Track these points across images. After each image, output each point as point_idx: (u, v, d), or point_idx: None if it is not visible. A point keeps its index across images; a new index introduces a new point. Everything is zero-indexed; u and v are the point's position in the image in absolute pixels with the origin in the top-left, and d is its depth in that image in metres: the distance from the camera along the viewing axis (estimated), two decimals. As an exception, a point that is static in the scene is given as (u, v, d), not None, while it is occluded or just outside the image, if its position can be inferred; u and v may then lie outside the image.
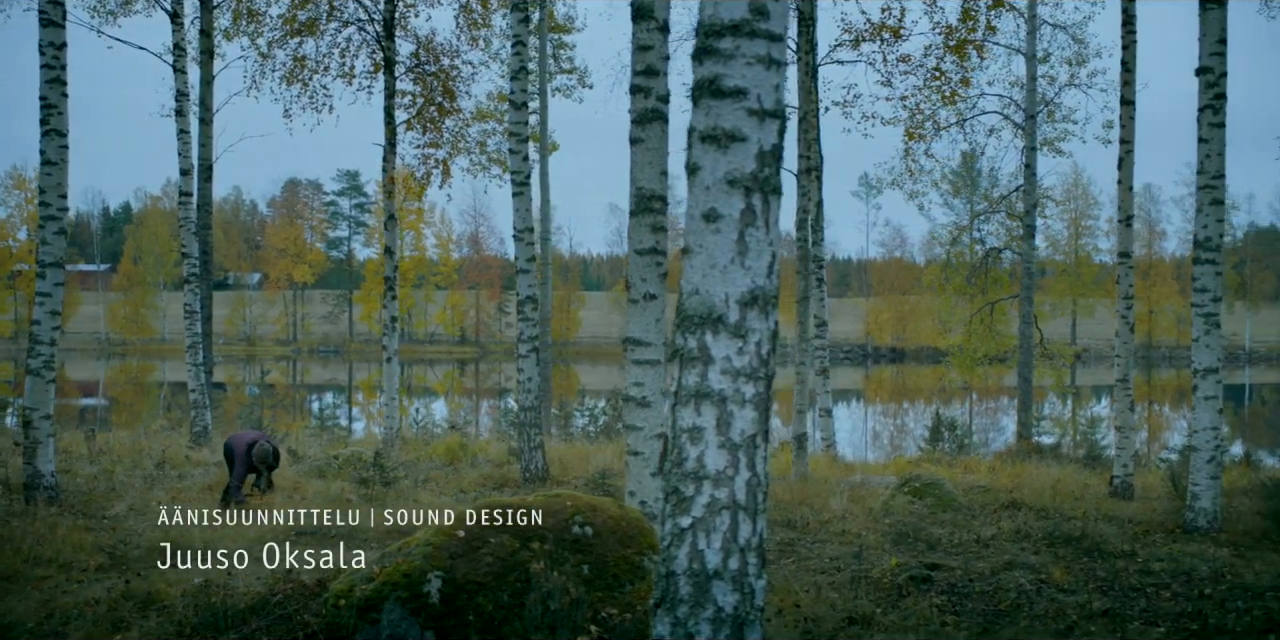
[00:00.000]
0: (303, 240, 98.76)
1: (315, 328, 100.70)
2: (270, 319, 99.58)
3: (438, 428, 26.17)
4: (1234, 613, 8.13)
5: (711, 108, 4.46)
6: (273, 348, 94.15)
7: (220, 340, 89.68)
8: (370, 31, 21.85)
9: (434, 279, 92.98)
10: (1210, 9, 12.08)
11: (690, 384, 4.45)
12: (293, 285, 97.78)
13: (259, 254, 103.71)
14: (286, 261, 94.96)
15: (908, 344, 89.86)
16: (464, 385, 64.12)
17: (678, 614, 4.41)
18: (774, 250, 4.50)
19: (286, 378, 69.44)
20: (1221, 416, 12.40)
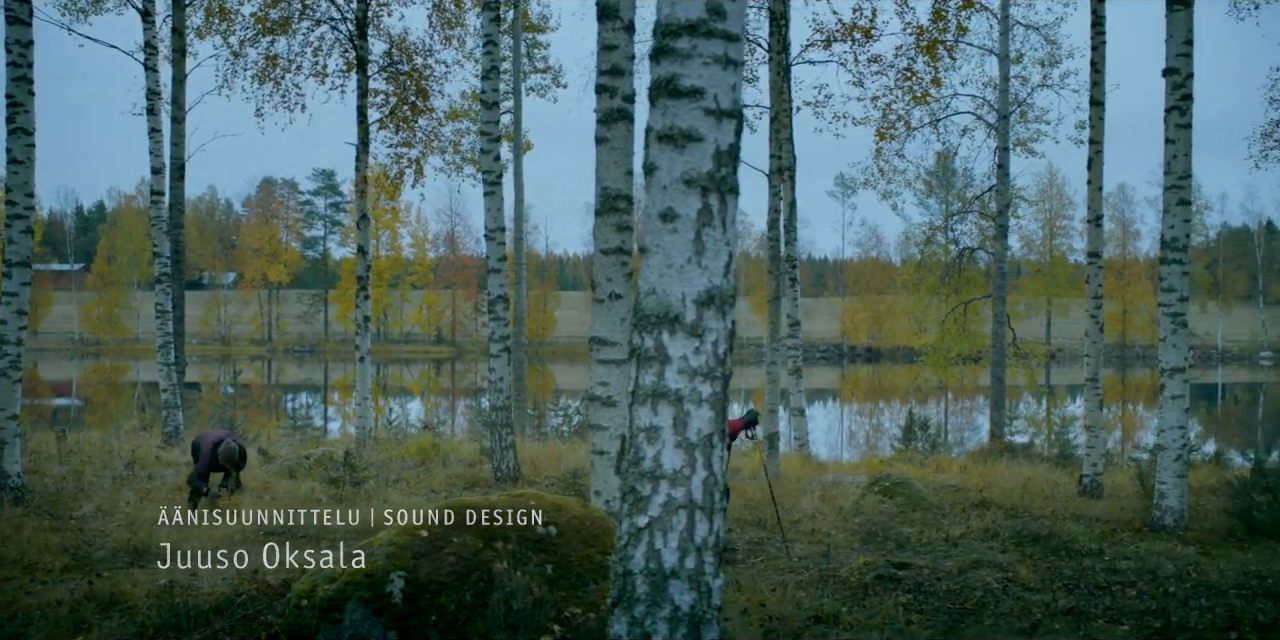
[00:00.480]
0: (278, 240, 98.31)
1: (291, 327, 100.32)
2: (245, 319, 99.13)
3: (411, 427, 26.07)
4: (1197, 610, 8.18)
5: (668, 107, 4.46)
6: (248, 347, 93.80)
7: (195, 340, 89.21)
8: (343, 30, 21.80)
9: (410, 278, 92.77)
10: (1177, 10, 12.14)
11: (647, 383, 4.45)
12: (268, 285, 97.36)
13: (234, 253, 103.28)
14: (262, 261, 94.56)
15: (883, 343, 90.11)
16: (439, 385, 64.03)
17: (635, 613, 4.41)
18: (731, 250, 4.51)
19: (261, 378, 69.18)
20: (1188, 415, 12.48)
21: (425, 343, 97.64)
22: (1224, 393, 65.39)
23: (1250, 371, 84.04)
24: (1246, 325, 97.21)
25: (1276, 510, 11.84)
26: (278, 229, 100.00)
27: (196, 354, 79.99)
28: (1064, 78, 27.66)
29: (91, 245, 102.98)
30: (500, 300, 15.60)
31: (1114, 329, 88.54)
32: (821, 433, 35.89)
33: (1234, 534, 11.77)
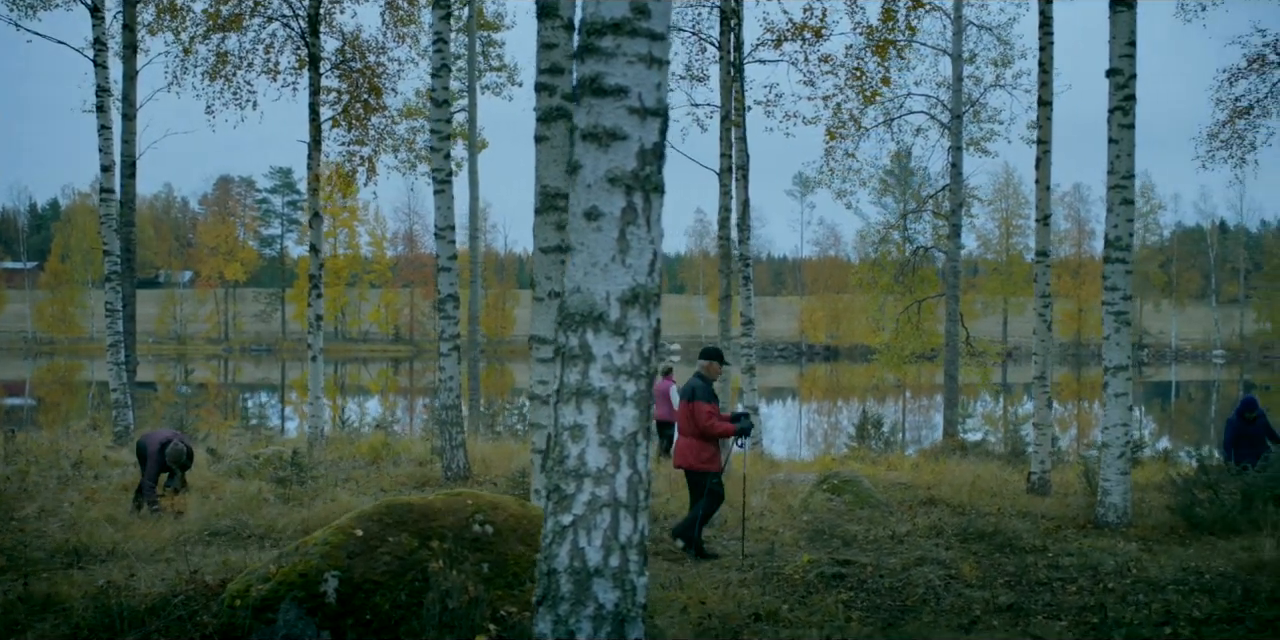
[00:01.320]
0: (235, 238, 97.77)
1: (248, 326, 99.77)
2: (202, 317, 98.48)
3: (366, 427, 25.96)
4: (1134, 606, 8.26)
5: (593, 106, 4.46)
6: (204, 346, 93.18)
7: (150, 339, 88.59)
8: (295, 27, 21.64)
9: (368, 277, 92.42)
10: (1120, 12, 12.25)
11: (572, 382, 4.45)
12: (224, 283, 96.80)
13: (190, 252, 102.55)
14: (218, 259, 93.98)
15: (842, 342, 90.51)
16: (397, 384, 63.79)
17: (559, 612, 4.41)
18: (656, 249, 4.51)
19: (218, 377, 68.71)
20: (1132, 413, 12.60)
21: (383, 342, 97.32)
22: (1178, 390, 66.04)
23: (1204, 369, 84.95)
24: (1200, 324, 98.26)
25: (1218, 507, 11.97)
26: (234, 227, 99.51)
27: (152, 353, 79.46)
28: (1016, 78, 27.96)
29: (45, 243, 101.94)
30: (450, 299, 15.55)
31: (1070, 328, 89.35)
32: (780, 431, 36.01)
33: (1176, 530, 11.88)
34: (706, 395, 10.73)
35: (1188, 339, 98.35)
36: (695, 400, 10.65)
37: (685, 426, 10.81)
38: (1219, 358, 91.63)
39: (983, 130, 29.10)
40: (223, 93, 21.48)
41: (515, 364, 76.36)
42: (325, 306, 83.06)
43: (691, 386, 10.76)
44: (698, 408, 10.60)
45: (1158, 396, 62.05)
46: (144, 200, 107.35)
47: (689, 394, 10.72)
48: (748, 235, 20.96)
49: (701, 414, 10.58)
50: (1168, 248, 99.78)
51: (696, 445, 10.73)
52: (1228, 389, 63.63)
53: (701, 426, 10.62)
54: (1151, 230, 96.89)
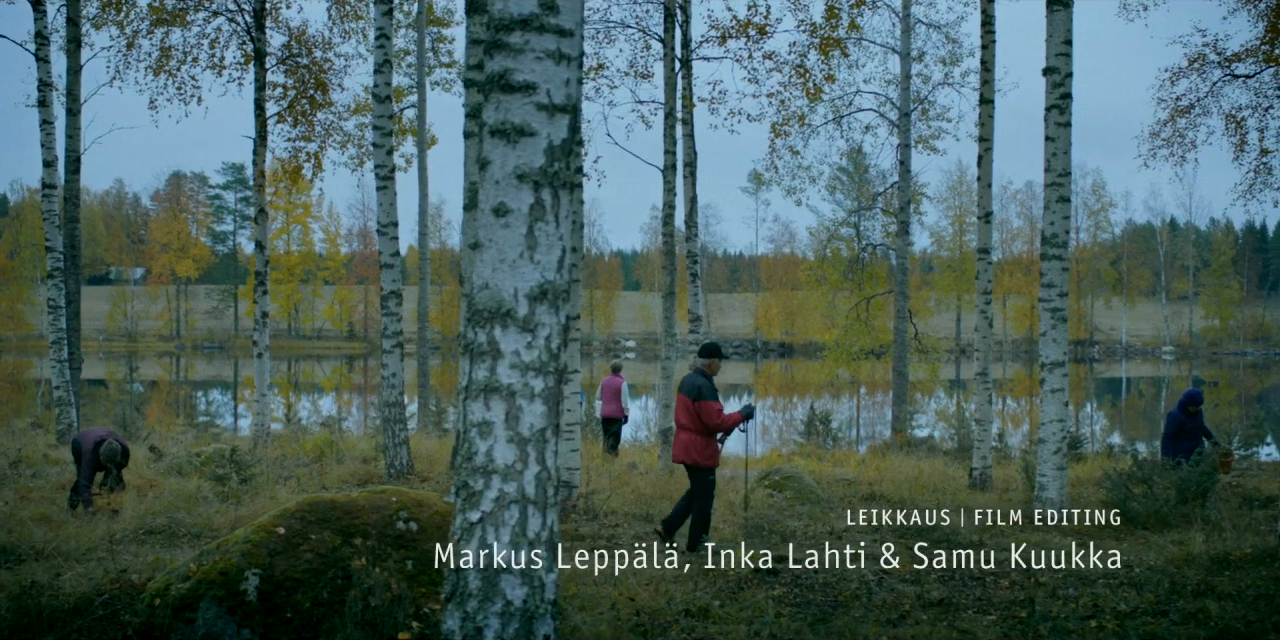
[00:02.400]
0: (187, 234, 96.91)
1: (200, 323, 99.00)
2: (153, 314, 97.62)
3: (314, 424, 25.82)
4: (1062, 600, 8.32)
5: (501, 102, 4.47)
6: (156, 344, 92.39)
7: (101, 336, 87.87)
8: (240, 22, 21.48)
9: (322, 274, 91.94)
10: (1056, 10, 12.34)
11: (480, 378, 4.45)
12: (177, 280, 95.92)
13: (142, 248, 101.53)
14: (170, 256, 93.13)
15: (797, 339, 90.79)
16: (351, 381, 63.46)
17: (467, 608, 4.42)
18: (565, 245, 4.52)
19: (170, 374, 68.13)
20: (1068, 409, 12.70)
21: (338, 339, 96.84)
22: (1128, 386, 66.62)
23: (1154, 365, 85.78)
24: (1150, 320, 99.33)
25: (1152, 501, 12.10)
26: (187, 223, 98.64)
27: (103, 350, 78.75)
28: (965, 76, 28.01)
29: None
30: (394, 296, 15.49)
31: (1023, 324, 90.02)
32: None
33: (1111, 525, 12.00)
34: (712, 394, 10.83)
35: (1138, 335, 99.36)
36: (703, 399, 10.74)
37: (687, 422, 10.88)
38: (1168, 354, 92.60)
39: (931, 128, 29.25)
40: (166, 88, 21.31)
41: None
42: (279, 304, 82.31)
43: (697, 386, 10.82)
44: (705, 407, 10.71)
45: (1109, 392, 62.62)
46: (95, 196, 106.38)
47: (695, 393, 10.79)
48: (695, 232, 20.96)
49: (711, 413, 10.69)
50: (1119, 245, 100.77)
51: (701, 441, 10.83)
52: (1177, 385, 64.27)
53: (713, 425, 10.74)
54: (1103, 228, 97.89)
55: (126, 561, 9.11)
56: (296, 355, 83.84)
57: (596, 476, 15.70)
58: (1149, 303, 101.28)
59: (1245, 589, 8.49)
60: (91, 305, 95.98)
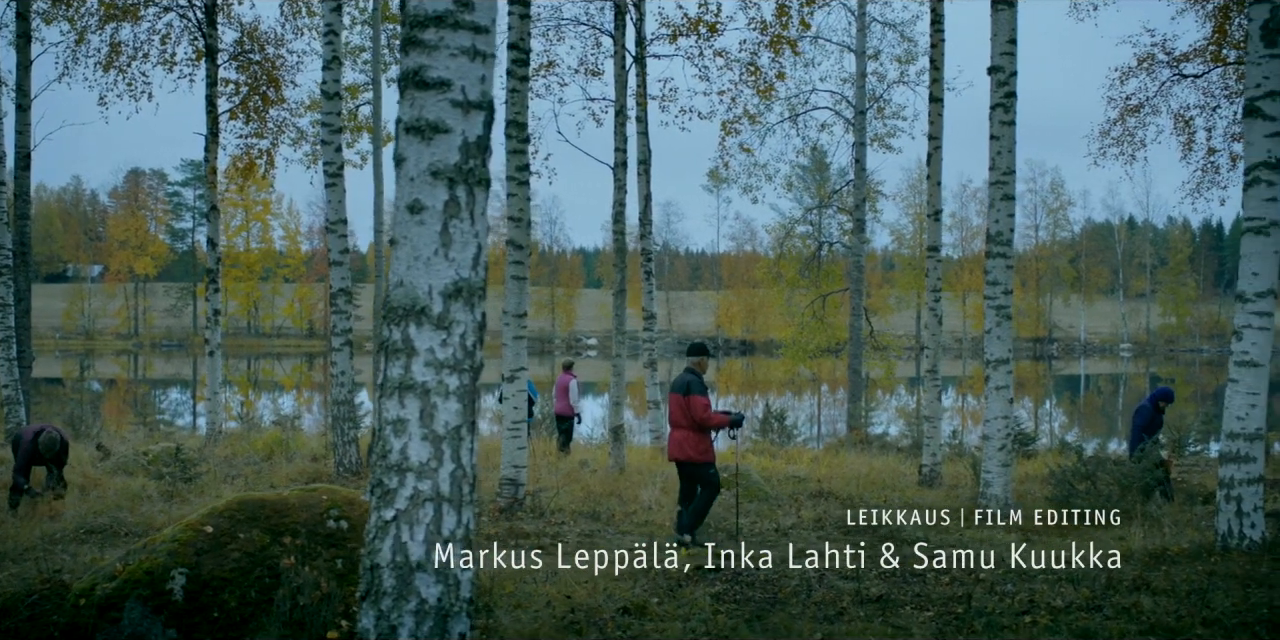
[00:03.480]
0: (145, 231, 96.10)
1: (158, 321, 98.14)
2: (111, 312, 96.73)
3: (268, 422, 25.68)
4: (1000, 596, 8.37)
5: (416, 99, 4.45)
6: (113, 342, 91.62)
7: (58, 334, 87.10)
8: (192, 18, 21.35)
9: (282, 271, 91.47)
10: (1001, 10, 12.41)
11: (394, 376, 4.43)
12: (135, 277, 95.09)
13: (99, 245, 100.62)
14: (128, 253, 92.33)
15: (758, 336, 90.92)
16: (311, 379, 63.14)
17: (382, 607, 4.40)
18: (481, 242, 4.51)
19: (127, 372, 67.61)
20: (1012, 406, 12.77)
21: (297, 337, 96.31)
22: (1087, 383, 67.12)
23: (1111, 363, 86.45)
24: (1108, 318, 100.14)
25: (1094, 498, 12.19)
26: (145, 220, 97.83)
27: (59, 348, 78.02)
28: (920, 75, 28.09)
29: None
30: (342, 293, 15.43)
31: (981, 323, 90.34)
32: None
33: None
34: (701, 389, 11.00)
35: (1096, 333, 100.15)
36: (691, 394, 10.92)
37: (680, 420, 11.03)
38: (1126, 351, 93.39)
39: (887, 126, 29.34)
40: (116, 84, 21.13)
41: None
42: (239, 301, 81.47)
43: (686, 382, 11.02)
44: (694, 401, 10.87)
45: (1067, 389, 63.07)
46: (51, 193, 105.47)
47: (684, 388, 10.98)
48: (650, 229, 21.00)
49: (698, 407, 10.84)
50: (1077, 243, 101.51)
51: (694, 438, 10.97)
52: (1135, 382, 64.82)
53: (699, 419, 10.87)
54: (1062, 226, 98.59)
55: (63, 561, 9.04)
56: (256, 353, 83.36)
57: (548, 474, 15.69)
58: (1107, 300, 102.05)
59: (1179, 584, 8.57)
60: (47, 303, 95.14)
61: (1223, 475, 10.05)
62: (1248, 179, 9.92)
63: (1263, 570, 9.02)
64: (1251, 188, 9.87)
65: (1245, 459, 9.91)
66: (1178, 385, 53.66)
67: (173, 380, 63.08)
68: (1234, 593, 8.22)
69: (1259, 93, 9.81)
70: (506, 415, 12.70)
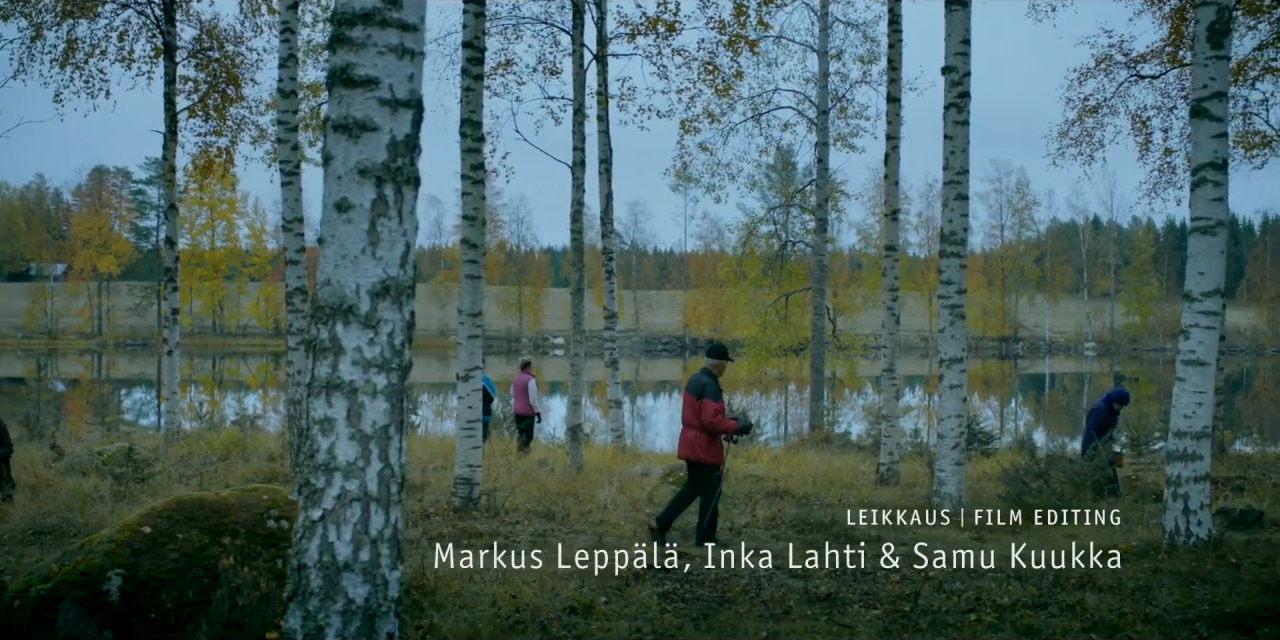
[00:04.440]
0: (109, 230, 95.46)
1: (122, 320, 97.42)
2: (74, 311, 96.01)
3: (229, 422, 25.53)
4: (948, 594, 8.40)
5: (344, 97, 4.43)
6: (76, 341, 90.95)
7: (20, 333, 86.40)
8: (150, 15, 21.19)
9: (247, 270, 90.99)
10: (955, 10, 12.45)
11: (322, 375, 4.41)
12: (98, 276, 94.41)
13: (63, 244, 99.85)
14: (91, 252, 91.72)
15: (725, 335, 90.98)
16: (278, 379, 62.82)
17: (309, 607, 4.38)
18: (409, 241, 4.49)
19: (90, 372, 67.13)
20: (965, 405, 12.83)
21: (263, 335, 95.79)
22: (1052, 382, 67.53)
23: (1076, 362, 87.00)
24: (1072, 317, 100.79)
25: (1046, 495, 12.25)
26: (109, 219, 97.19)
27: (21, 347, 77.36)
28: (883, 75, 28.09)
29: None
30: (298, 292, 15.34)
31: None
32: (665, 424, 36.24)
33: (1008, 519, 12.14)
34: (715, 393, 11.06)
35: (1061, 332, 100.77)
36: (704, 398, 10.99)
37: (692, 420, 11.14)
38: (1090, 350, 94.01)
39: (850, 126, 29.34)
40: (73, 81, 20.95)
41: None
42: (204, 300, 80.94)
43: (701, 384, 11.10)
44: (705, 405, 10.96)
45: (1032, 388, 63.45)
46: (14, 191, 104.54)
47: (698, 391, 11.06)
48: (611, 228, 21.01)
49: (709, 412, 10.93)
50: (1043, 243, 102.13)
51: (704, 439, 11.09)
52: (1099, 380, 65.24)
53: (707, 423, 10.98)
54: (1027, 226, 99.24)
55: (7, 562, 8.97)
56: (221, 352, 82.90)
57: (505, 474, 15.66)
58: (1072, 300, 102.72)
59: (1125, 581, 8.63)
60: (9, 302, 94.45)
61: (1170, 474, 10.13)
62: (1195, 179, 10.00)
63: (1207, 567, 9.09)
64: (1198, 188, 9.95)
65: (1192, 457, 9.98)
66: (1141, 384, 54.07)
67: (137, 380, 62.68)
68: (1178, 590, 8.29)
69: (1205, 93, 9.89)
70: (461, 414, 12.67)
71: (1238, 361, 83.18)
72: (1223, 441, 20.49)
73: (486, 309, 59.08)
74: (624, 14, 18.18)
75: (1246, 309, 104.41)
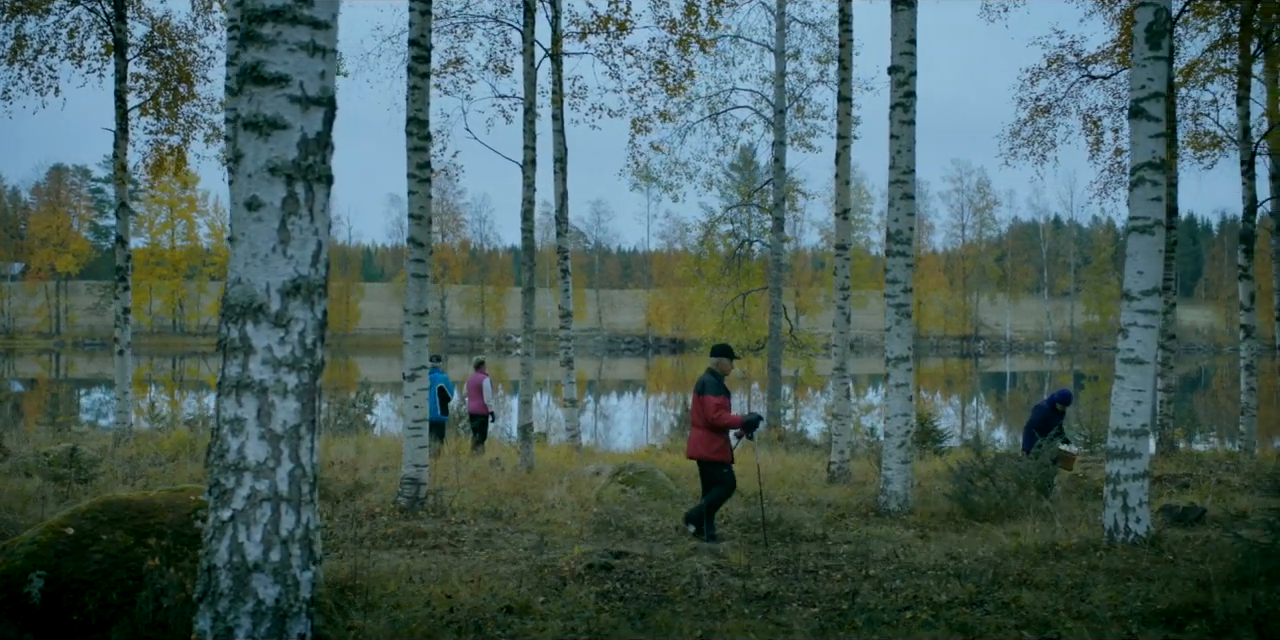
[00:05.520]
0: (68, 229, 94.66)
1: (81, 320, 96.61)
2: (31, 311, 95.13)
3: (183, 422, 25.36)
4: (886, 592, 8.43)
5: (254, 94, 4.40)
6: (34, 341, 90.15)
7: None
8: (100, 12, 21.01)
9: (208, 269, 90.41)
10: (900, 10, 12.49)
11: (232, 374, 4.39)
12: (56, 276, 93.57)
13: (20, 243, 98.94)
14: (49, 251, 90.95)
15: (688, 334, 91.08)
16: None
17: (218, 608, 4.35)
18: (321, 239, 4.46)
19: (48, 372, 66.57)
20: (912, 403, 12.87)
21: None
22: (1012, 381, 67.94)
23: (1036, 360, 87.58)
24: (1033, 316, 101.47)
25: (992, 494, 12.31)
26: (68, 218, 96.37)
27: (-23, 347, 76.52)
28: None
29: None
30: (248, 291, 15.22)
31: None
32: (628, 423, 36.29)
33: (953, 517, 12.21)
34: (716, 389, 11.19)
35: (1021, 331, 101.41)
36: (705, 394, 11.15)
37: (697, 419, 11.29)
38: (1050, 349, 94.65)
39: (807, 125, 29.49)
40: (21, 78, 20.75)
41: (360, 357, 75.48)
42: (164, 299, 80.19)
43: (702, 381, 11.30)
44: (707, 401, 11.10)
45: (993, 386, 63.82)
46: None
47: (699, 388, 11.26)
48: (565, 228, 21.00)
49: (710, 407, 11.07)
50: (1004, 242, 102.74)
51: (707, 437, 11.23)
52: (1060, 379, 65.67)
53: (710, 418, 11.10)
54: (988, 225, 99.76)
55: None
56: (181, 352, 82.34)
57: (456, 473, 15.61)
58: (1032, 299, 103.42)
59: (1062, 578, 8.68)
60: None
61: (1110, 471, 10.20)
62: (1133, 179, 10.07)
63: (1144, 564, 9.16)
64: (1137, 188, 10.02)
65: (1131, 455, 10.06)
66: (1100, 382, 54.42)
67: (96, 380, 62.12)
68: (1112, 587, 8.34)
69: (1144, 94, 9.96)
70: (407, 414, 12.63)
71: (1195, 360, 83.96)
72: (1173, 439, 20.65)
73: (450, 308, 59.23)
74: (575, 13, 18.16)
75: (1204, 308, 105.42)
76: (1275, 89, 21.54)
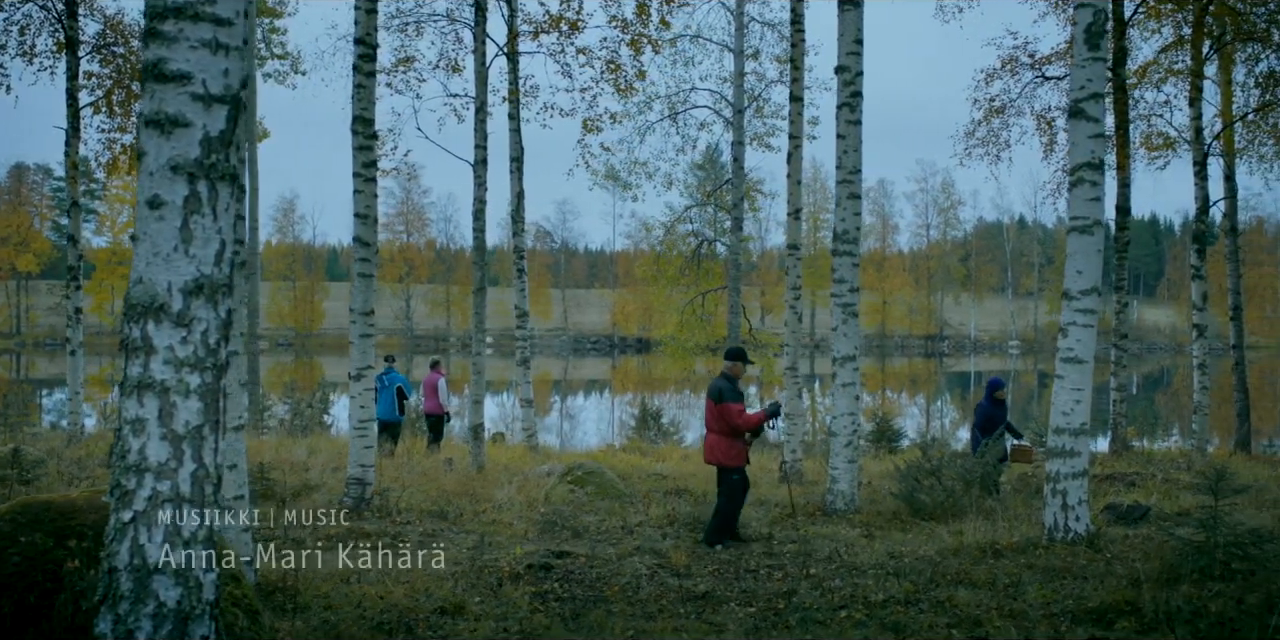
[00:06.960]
0: (28, 228, 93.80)
1: (41, 319, 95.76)
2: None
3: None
4: (824, 591, 8.45)
5: (156, 92, 4.36)
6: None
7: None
8: (52, 9, 20.83)
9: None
10: (847, 10, 12.52)
11: (134, 374, 4.34)
12: (16, 275, 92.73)
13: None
14: (9, 250, 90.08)
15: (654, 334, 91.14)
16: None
17: (119, 611, 4.31)
18: (224, 239, 4.43)
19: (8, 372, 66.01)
20: (859, 403, 12.91)
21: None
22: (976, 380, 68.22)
23: (1000, 360, 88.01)
24: (997, 316, 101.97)
25: (939, 493, 12.35)
26: (28, 217, 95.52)
27: (-65, 348, 75.78)
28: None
29: None
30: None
31: (873, 320, 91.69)
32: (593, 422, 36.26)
33: (900, 516, 12.24)
34: (734, 396, 11.08)
35: (986, 330, 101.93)
36: (724, 402, 11.03)
37: (712, 424, 11.18)
38: (1015, 348, 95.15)
39: (766, 126, 29.45)
40: (-29, 76, 20.55)
41: (326, 357, 75.15)
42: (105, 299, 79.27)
43: (719, 388, 11.12)
44: (727, 409, 10.99)
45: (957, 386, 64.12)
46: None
47: (716, 396, 11.10)
48: (522, 227, 20.97)
49: (732, 414, 10.97)
50: (968, 242, 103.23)
51: (724, 442, 11.12)
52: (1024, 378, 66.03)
53: (735, 424, 11.00)
54: (952, 225, 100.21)
55: None
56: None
57: (406, 473, 15.56)
58: (997, 298, 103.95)
59: (999, 577, 8.72)
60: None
61: (1050, 470, 10.26)
62: (1072, 179, 10.13)
63: (1080, 562, 9.21)
64: (1076, 188, 10.08)
65: (1070, 454, 10.11)
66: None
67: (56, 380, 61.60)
68: (1046, 585, 8.39)
69: (1083, 94, 10.02)
70: (353, 414, 12.57)
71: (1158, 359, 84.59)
72: (1126, 438, 20.79)
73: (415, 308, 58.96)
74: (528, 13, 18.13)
75: (1167, 307, 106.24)
76: (1228, 90, 21.72)
